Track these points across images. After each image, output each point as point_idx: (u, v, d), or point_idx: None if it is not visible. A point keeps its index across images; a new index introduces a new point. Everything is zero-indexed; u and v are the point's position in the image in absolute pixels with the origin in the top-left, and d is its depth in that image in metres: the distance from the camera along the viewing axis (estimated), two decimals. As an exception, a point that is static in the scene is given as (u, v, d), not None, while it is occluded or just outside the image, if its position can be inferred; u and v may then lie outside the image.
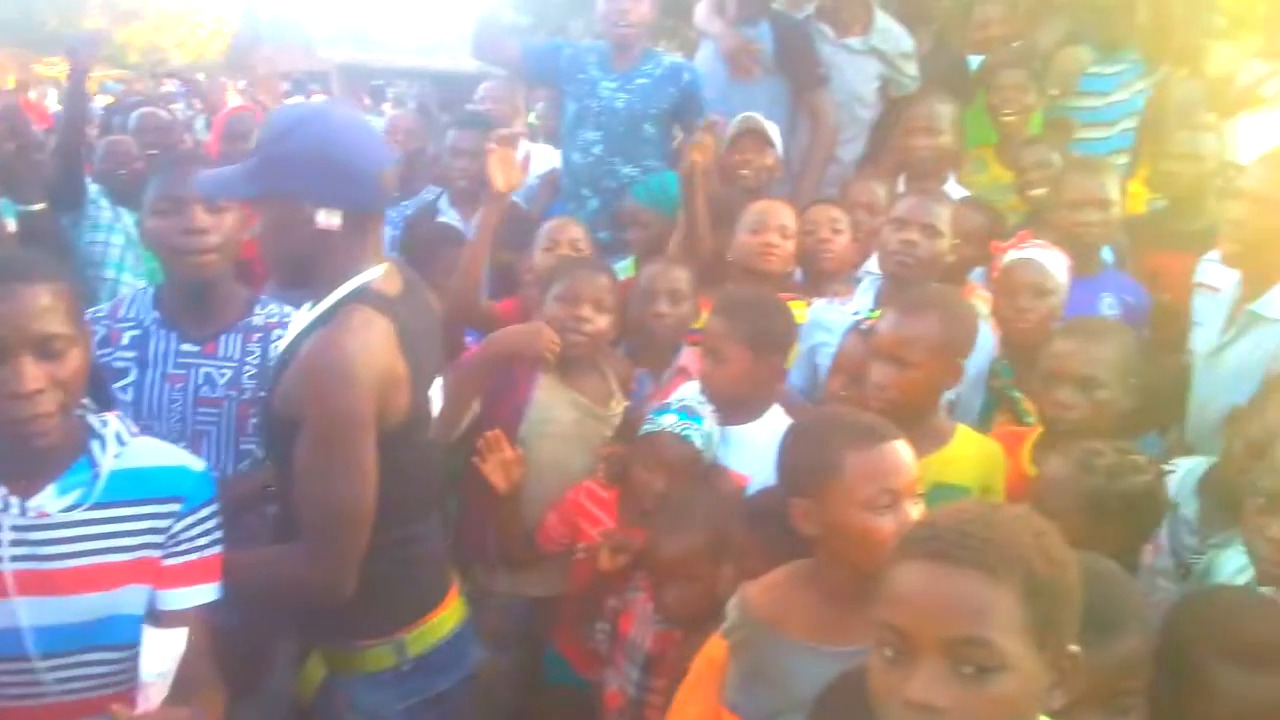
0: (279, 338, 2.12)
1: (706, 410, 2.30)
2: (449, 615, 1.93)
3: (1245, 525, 1.75)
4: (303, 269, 1.74)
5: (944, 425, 2.24)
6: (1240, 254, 2.57)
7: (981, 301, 2.95)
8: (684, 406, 2.28)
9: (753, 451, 2.22)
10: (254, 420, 2.08)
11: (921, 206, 2.70)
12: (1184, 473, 2.14)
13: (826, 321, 2.75)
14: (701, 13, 4.04)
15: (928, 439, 2.10)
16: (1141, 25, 3.91)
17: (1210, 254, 2.95)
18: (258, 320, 2.23)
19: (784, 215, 3.02)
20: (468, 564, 2.48)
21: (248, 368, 2.17)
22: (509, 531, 2.43)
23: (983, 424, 2.60)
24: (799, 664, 1.54)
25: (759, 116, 3.55)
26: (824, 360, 2.64)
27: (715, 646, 1.63)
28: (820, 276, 3.16)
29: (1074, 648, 1.08)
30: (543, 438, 2.48)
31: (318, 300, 1.73)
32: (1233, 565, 1.87)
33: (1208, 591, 1.72)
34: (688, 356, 2.69)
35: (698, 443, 2.22)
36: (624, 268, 3.36)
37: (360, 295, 1.70)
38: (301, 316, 1.80)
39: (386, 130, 4.38)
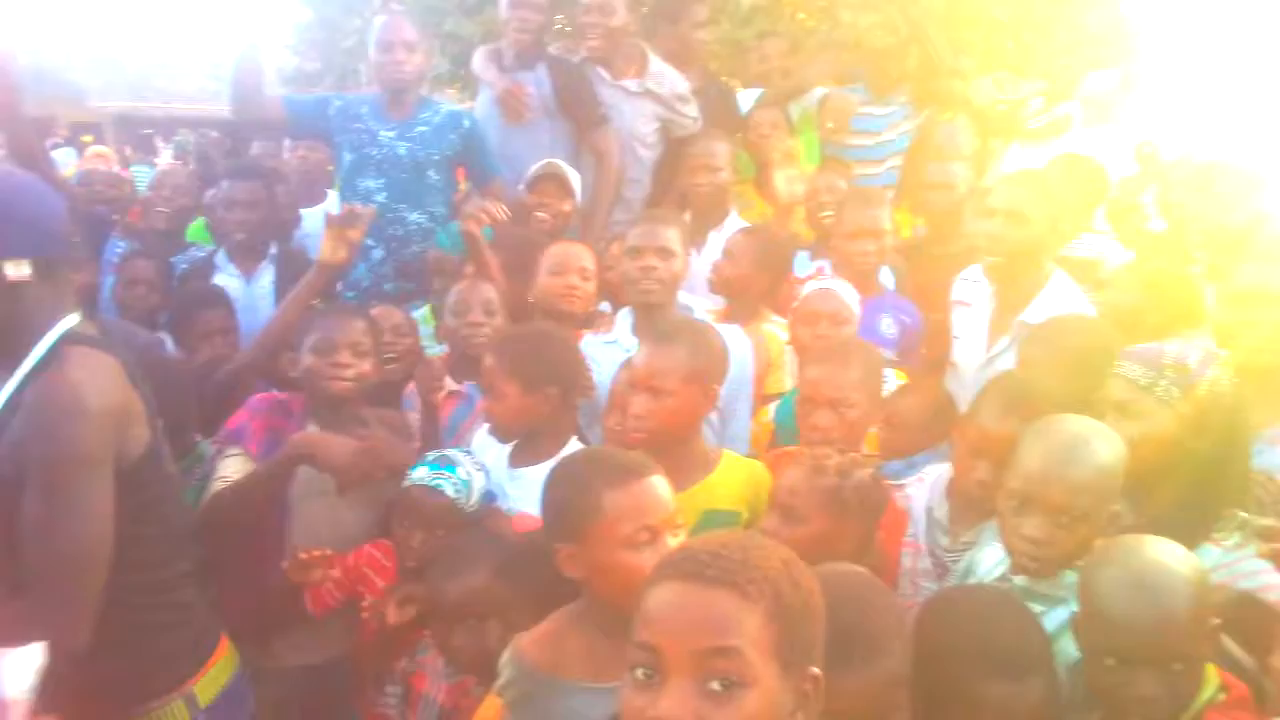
0: None
1: (465, 457, 2.29)
2: (228, 657, 1.90)
3: (1001, 524, 1.87)
4: None
5: (709, 452, 2.30)
6: (1001, 266, 2.76)
7: (778, 329, 3.09)
8: (439, 457, 2.27)
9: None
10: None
11: (652, 232, 2.81)
12: (934, 477, 2.27)
13: (587, 355, 2.76)
14: (478, 61, 4.06)
15: (693, 467, 2.18)
16: (911, 71, 4.20)
17: (964, 272, 3.19)
18: None
19: (584, 257, 3.08)
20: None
21: None
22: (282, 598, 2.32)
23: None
24: (581, 705, 1.52)
25: (560, 163, 3.60)
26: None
27: (489, 706, 1.60)
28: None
29: (815, 670, 1.11)
30: (312, 496, 2.41)
31: (21, 359, 1.66)
32: (991, 560, 1.98)
33: (954, 599, 1.80)
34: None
35: (449, 492, 2.20)
36: (422, 315, 3.33)
37: (70, 338, 1.68)
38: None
39: (151, 186, 4.11)
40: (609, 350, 2.77)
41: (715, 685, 1.03)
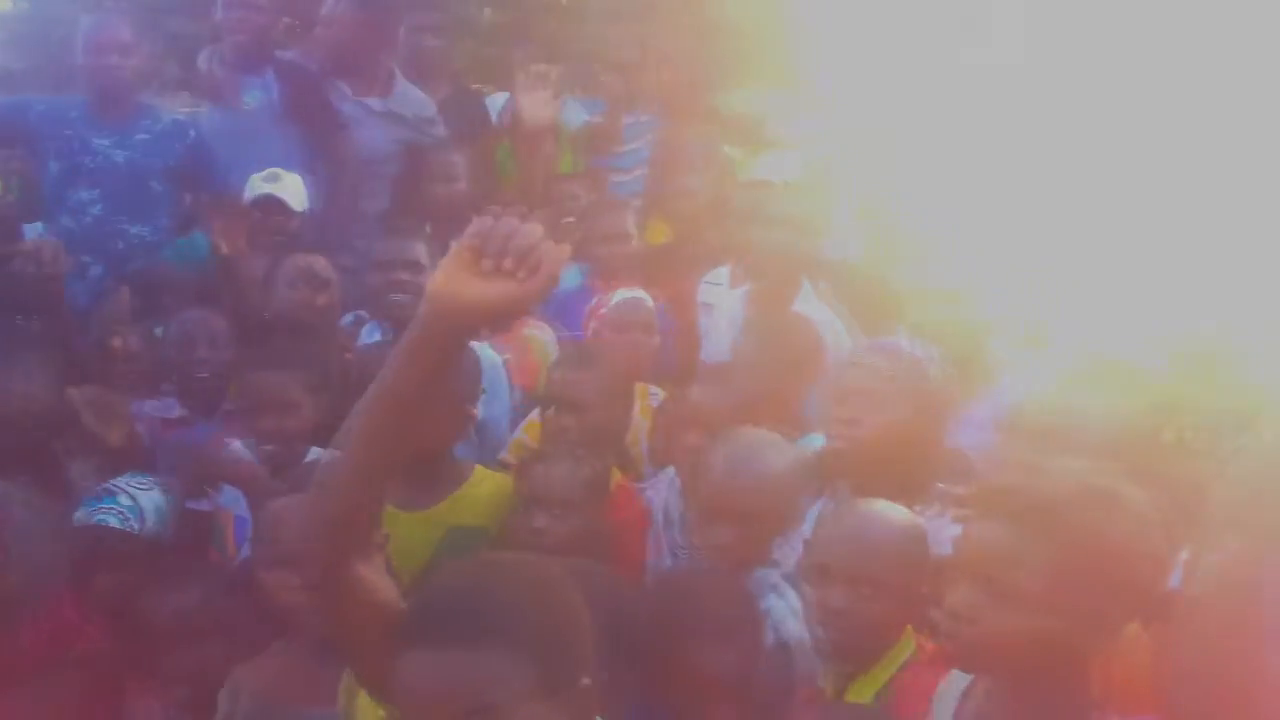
0: None
1: (129, 482, 2.23)
2: None
3: (694, 535, 2.04)
4: None
5: (460, 468, 2.29)
6: (777, 271, 2.89)
7: (540, 331, 3.11)
8: (98, 492, 2.21)
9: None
10: None
11: (401, 246, 2.81)
12: (670, 476, 2.38)
13: None
14: (202, 62, 3.84)
15: (441, 483, 2.17)
16: (654, 83, 4.33)
17: (707, 276, 3.34)
18: None
19: (323, 268, 3.00)
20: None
21: None
22: None
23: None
24: None
25: (280, 172, 3.43)
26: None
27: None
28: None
29: (586, 681, 1.07)
30: None
31: None
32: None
33: (669, 581, 1.96)
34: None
35: (115, 523, 2.13)
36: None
37: None
38: None
39: None
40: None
41: None
